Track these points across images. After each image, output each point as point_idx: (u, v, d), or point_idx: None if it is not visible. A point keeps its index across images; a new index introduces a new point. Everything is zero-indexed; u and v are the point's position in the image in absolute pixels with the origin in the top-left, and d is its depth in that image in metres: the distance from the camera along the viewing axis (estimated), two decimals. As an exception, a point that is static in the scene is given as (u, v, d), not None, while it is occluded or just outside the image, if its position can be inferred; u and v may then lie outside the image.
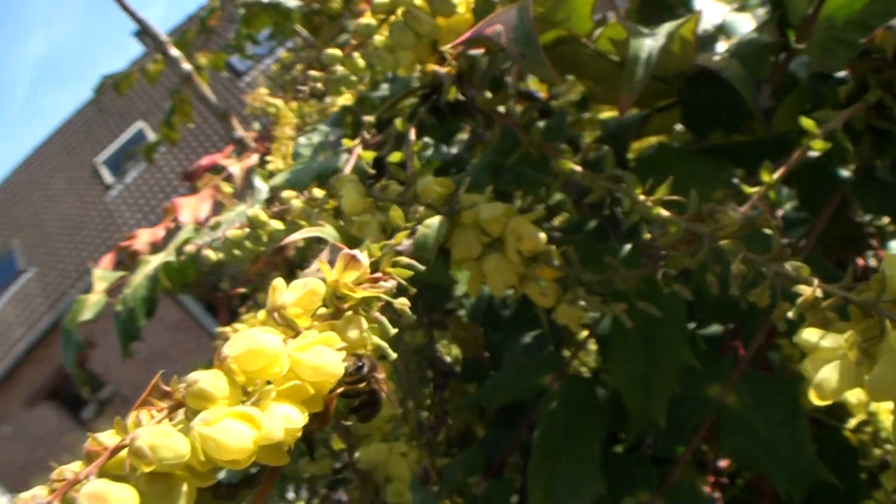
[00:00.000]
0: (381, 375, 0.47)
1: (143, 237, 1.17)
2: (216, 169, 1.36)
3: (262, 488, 0.45)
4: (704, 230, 0.52)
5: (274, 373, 0.41)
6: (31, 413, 10.05)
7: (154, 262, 0.93)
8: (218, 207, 1.27)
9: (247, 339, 0.40)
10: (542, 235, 0.61)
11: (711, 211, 0.52)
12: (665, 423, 0.71)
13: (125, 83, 1.45)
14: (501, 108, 0.74)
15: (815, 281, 0.43)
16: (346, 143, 0.72)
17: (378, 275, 0.54)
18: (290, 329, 0.47)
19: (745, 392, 0.72)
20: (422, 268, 0.60)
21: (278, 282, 0.49)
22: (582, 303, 0.61)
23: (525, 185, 0.74)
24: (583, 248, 0.70)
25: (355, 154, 0.71)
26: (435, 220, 0.61)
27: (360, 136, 0.72)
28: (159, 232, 1.19)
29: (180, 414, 0.38)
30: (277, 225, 0.76)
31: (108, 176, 11.46)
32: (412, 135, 0.68)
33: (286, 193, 0.75)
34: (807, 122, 0.55)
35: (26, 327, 10.27)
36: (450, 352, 1.51)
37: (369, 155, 0.69)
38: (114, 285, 1.11)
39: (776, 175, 0.55)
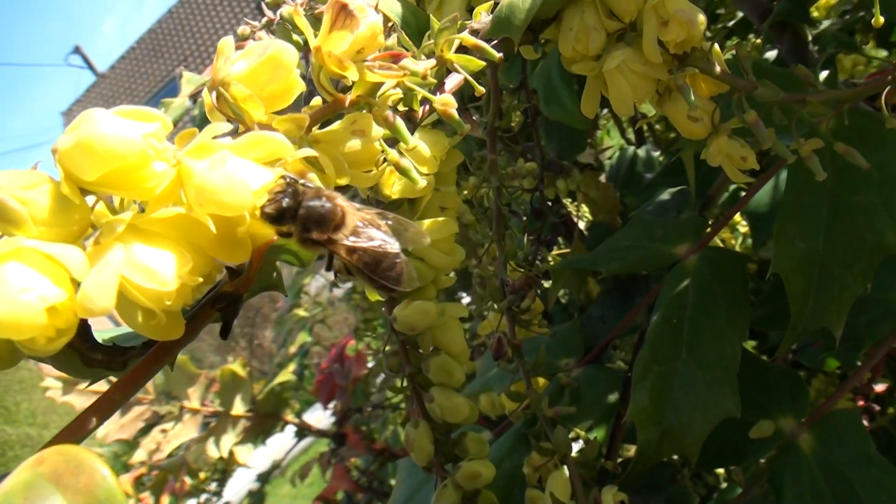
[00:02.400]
0: (322, 209, 0.30)
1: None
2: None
3: (140, 365, 0.30)
4: None
5: (145, 187, 0.24)
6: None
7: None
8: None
9: (87, 125, 0.23)
10: (701, 18, 0.38)
11: None
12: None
13: None
14: None
15: None
16: None
17: (400, 51, 0.36)
18: (239, 122, 0.30)
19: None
20: (496, 55, 0.40)
21: (225, 41, 0.31)
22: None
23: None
24: (759, 67, 0.46)
25: None
26: (534, -16, 0.40)
27: None
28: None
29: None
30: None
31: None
32: None
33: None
34: None
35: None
36: (578, 211, 1.32)
37: None
38: (198, 89, 1.02)
39: None
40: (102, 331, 0.34)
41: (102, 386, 1.17)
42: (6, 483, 0.22)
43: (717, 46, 0.42)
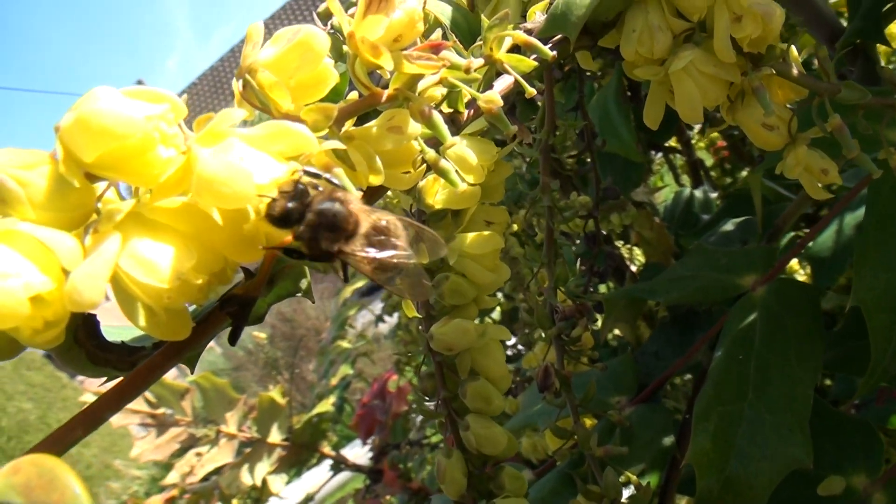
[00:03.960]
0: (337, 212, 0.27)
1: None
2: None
3: (147, 365, 0.27)
4: None
5: (150, 174, 0.22)
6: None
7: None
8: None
9: (87, 101, 0.21)
10: (780, 11, 0.35)
11: None
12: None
13: None
14: None
15: None
16: None
17: (440, 41, 0.33)
18: (261, 108, 0.28)
19: None
20: (549, 53, 0.36)
21: (254, 26, 0.29)
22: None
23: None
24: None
25: None
26: (593, -22, 0.37)
27: None
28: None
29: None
30: None
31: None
32: None
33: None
34: None
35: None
36: (631, 254, 1.27)
37: None
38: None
39: None
40: (114, 327, 0.31)
41: (139, 403, 1.15)
42: None
43: (793, 47, 0.38)
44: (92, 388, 1.25)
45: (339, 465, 1.66)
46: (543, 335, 0.56)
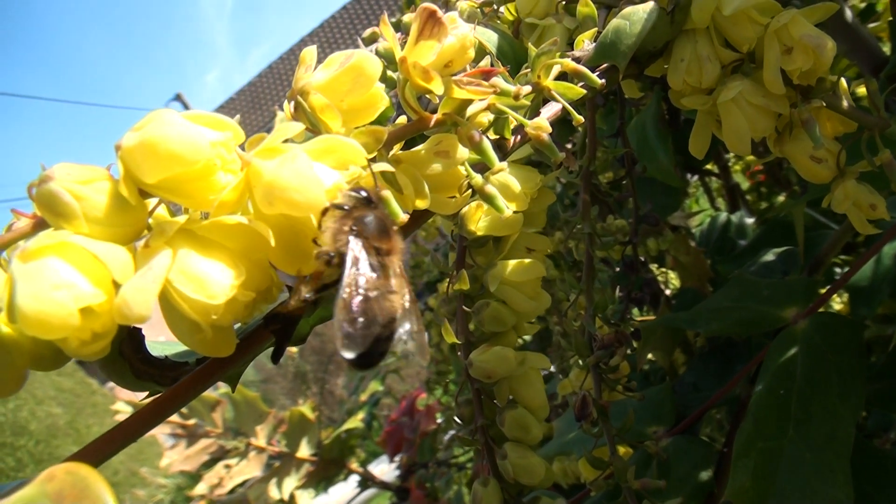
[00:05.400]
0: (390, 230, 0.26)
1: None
2: None
3: (188, 380, 0.27)
4: None
5: (206, 198, 0.22)
6: None
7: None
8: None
9: (154, 124, 0.21)
10: (831, 44, 0.34)
11: None
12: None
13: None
14: None
15: None
16: None
17: (490, 67, 0.33)
18: (312, 130, 0.28)
19: None
20: (597, 81, 0.36)
21: (308, 50, 0.29)
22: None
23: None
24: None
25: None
26: (642, 9, 0.37)
27: None
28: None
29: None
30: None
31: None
32: None
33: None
34: None
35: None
36: (665, 278, 1.26)
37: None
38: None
39: None
40: (158, 343, 0.32)
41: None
42: (15, 495, 0.20)
43: (843, 80, 0.37)
44: (123, 396, 1.26)
45: (367, 481, 1.65)
46: (581, 362, 0.56)
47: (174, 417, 1.33)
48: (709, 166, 1.42)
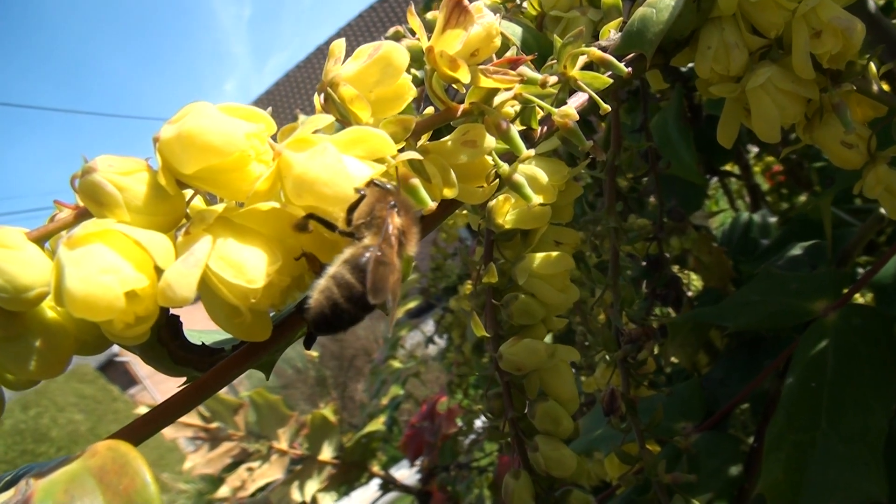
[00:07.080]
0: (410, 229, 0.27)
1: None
2: None
3: (225, 364, 0.28)
4: None
5: (241, 188, 0.23)
6: None
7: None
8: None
9: (191, 116, 0.22)
10: (860, 27, 0.34)
11: None
12: None
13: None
14: None
15: None
16: None
17: (517, 55, 0.33)
18: (342, 121, 0.28)
19: None
20: (624, 69, 0.36)
21: (337, 43, 0.29)
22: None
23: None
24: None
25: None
26: (670, -3, 0.37)
27: None
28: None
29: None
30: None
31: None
32: None
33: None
34: None
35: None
36: (687, 279, 1.25)
37: None
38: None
39: None
40: (196, 331, 0.32)
41: (192, 416, 1.17)
42: (60, 470, 0.20)
43: (872, 64, 0.37)
44: (144, 402, 1.27)
45: (388, 484, 1.65)
46: (608, 357, 0.56)
47: (197, 421, 1.34)
48: (728, 167, 1.41)
